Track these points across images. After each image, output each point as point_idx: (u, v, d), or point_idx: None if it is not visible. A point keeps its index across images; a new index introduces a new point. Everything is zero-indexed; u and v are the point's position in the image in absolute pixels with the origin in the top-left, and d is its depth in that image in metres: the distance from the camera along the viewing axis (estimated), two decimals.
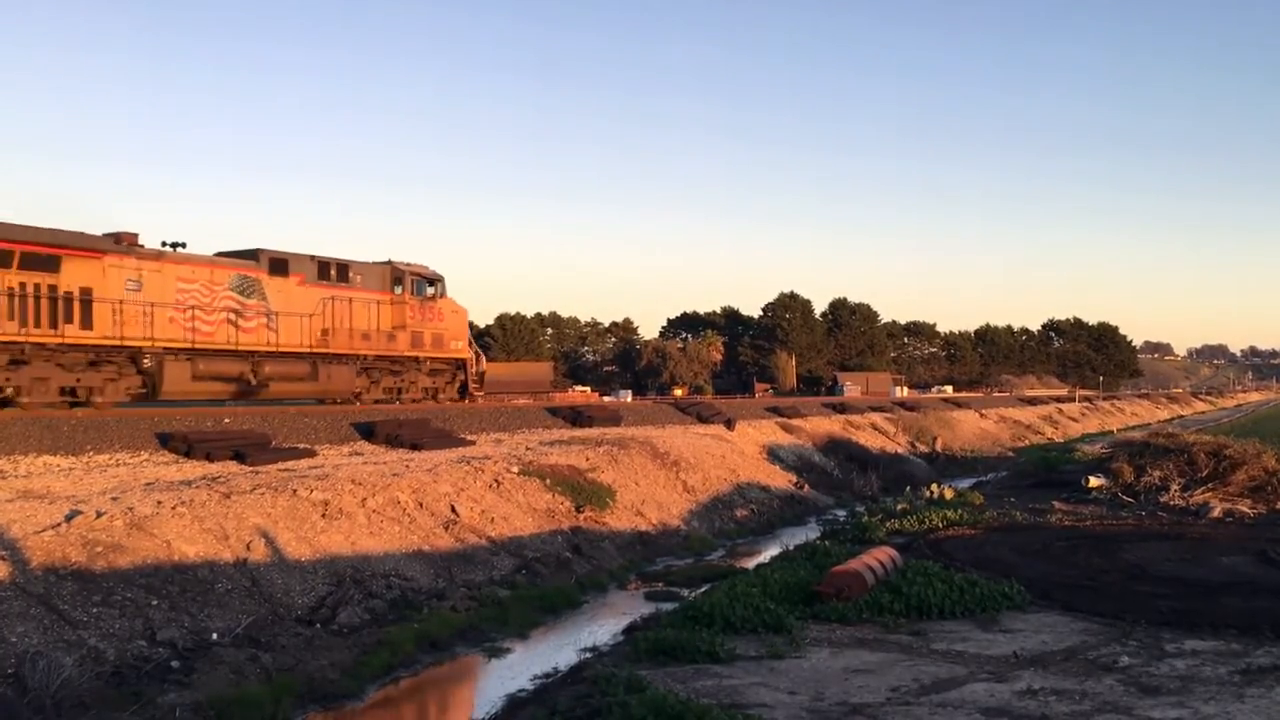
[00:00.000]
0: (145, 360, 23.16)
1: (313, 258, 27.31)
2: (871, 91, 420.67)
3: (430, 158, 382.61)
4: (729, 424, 35.32)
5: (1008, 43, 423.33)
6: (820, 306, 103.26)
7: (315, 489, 16.20)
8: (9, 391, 21.05)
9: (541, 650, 13.66)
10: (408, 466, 19.59)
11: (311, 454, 20.72)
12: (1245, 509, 20.99)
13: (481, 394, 33.75)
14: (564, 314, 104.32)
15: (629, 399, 53.14)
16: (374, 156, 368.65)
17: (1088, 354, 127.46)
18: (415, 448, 22.83)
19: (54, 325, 21.33)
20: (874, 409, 51.44)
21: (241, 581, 12.99)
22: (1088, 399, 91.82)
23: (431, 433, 24.64)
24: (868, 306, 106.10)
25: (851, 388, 76.96)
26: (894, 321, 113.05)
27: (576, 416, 31.52)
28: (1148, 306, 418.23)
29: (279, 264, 26.24)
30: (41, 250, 21.28)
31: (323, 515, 15.51)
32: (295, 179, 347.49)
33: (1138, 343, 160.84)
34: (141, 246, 23.53)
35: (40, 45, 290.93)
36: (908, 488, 28.65)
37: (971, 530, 19.20)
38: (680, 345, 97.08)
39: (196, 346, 23.96)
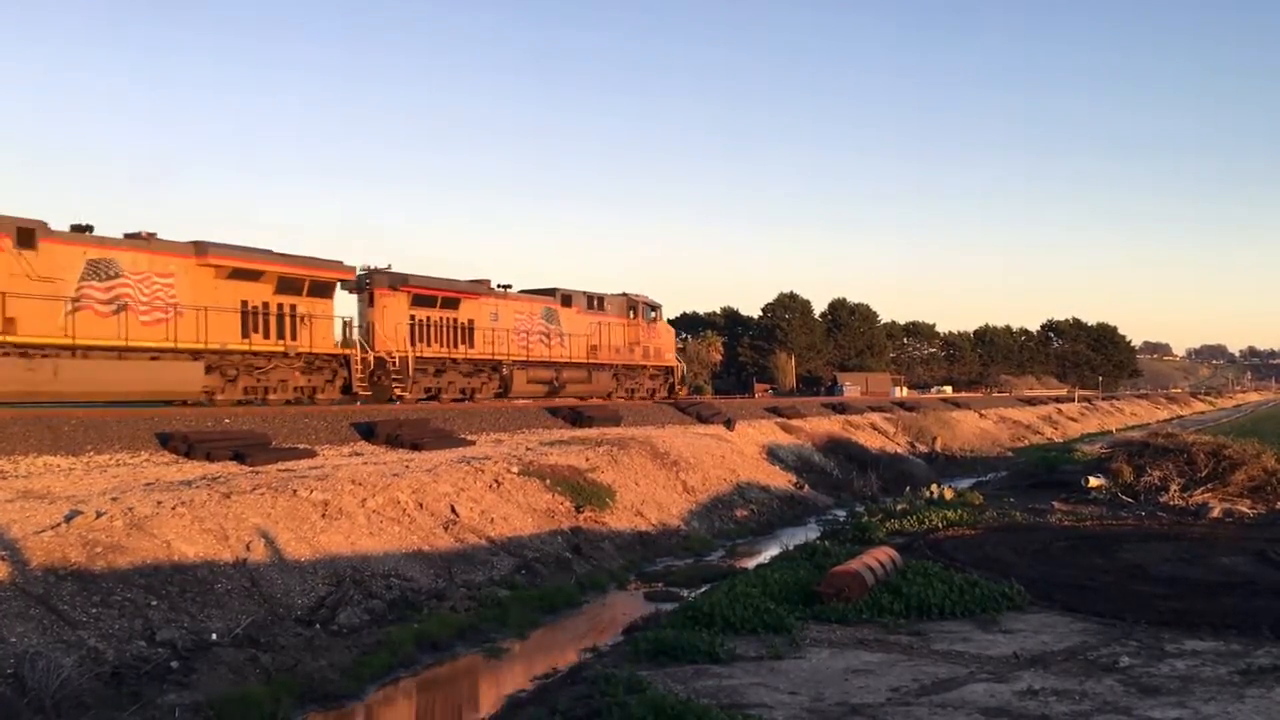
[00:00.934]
0: (504, 370, 32.79)
1: (584, 293, 37.32)
2: (871, 91, 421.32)
3: (431, 158, 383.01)
4: (729, 424, 35.32)
5: (1008, 43, 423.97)
6: (820, 307, 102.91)
7: (315, 489, 16.19)
8: (433, 390, 30.49)
9: (541, 650, 13.67)
10: (408, 467, 19.58)
11: (311, 454, 20.71)
12: (1245, 509, 20.99)
13: (684, 392, 44.47)
14: None
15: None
16: (374, 156, 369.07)
17: (1087, 354, 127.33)
18: (415, 448, 22.83)
19: (456, 345, 31.25)
20: (873, 409, 51.42)
21: (241, 582, 12.98)
22: (1087, 399, 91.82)
23: (431, 433, 24.63)
24: (867, 307, 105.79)
25: (851, 388, 76.80)
26: (893, 322, 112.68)
27: (576, 417, 31.50)
28: (1147, 306, 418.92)
29: (567, 298, 36.37)
30: (451, 294, 31.20)
31: (322, 515, 15.50)
32: (294, 179, 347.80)
33: (1136, 343, 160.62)
34: (493, 289, 33.13)
35: (41, 45, 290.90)
36: (907, 488, 28.64)
37: (971, 530, 19.19)
38: (680, 345, 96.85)
39: (529, 360, 33.85)
